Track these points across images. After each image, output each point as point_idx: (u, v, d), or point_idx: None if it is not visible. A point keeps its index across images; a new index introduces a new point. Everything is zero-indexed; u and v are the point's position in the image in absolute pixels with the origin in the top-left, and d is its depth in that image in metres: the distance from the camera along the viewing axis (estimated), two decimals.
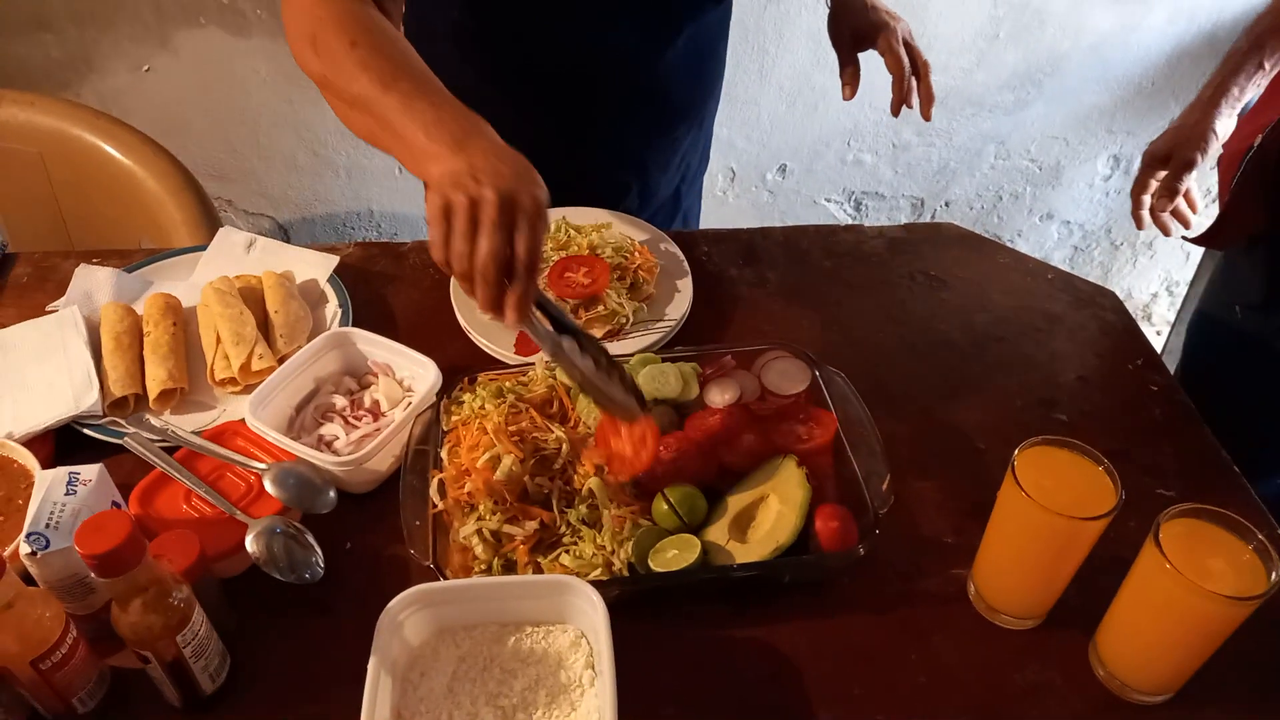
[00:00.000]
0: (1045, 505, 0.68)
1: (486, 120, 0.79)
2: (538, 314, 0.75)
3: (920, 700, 0.75)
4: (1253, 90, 1.01)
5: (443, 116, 0.77)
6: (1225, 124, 1.00)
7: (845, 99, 1.11)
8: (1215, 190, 1.13)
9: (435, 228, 0.73)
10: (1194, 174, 1.02)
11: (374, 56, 0.81)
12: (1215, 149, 1.01)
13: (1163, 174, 1.02)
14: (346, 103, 0.83)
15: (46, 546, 0.68)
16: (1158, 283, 2.59)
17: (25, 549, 0.68)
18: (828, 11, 1.20)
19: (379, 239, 2.20)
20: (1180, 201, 1.02)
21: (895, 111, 1.08)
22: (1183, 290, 2.49)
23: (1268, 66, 1.00)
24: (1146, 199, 1.04)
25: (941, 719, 0.74)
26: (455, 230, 0.72)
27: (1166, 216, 1.04)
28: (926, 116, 1.07)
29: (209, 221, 1.38)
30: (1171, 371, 1.04)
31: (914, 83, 1.09)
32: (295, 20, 0.87)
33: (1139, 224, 1.06)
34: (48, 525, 0.69)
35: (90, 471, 0.75)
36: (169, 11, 1.79)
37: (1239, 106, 1.02)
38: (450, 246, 0.72)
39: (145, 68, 1.86)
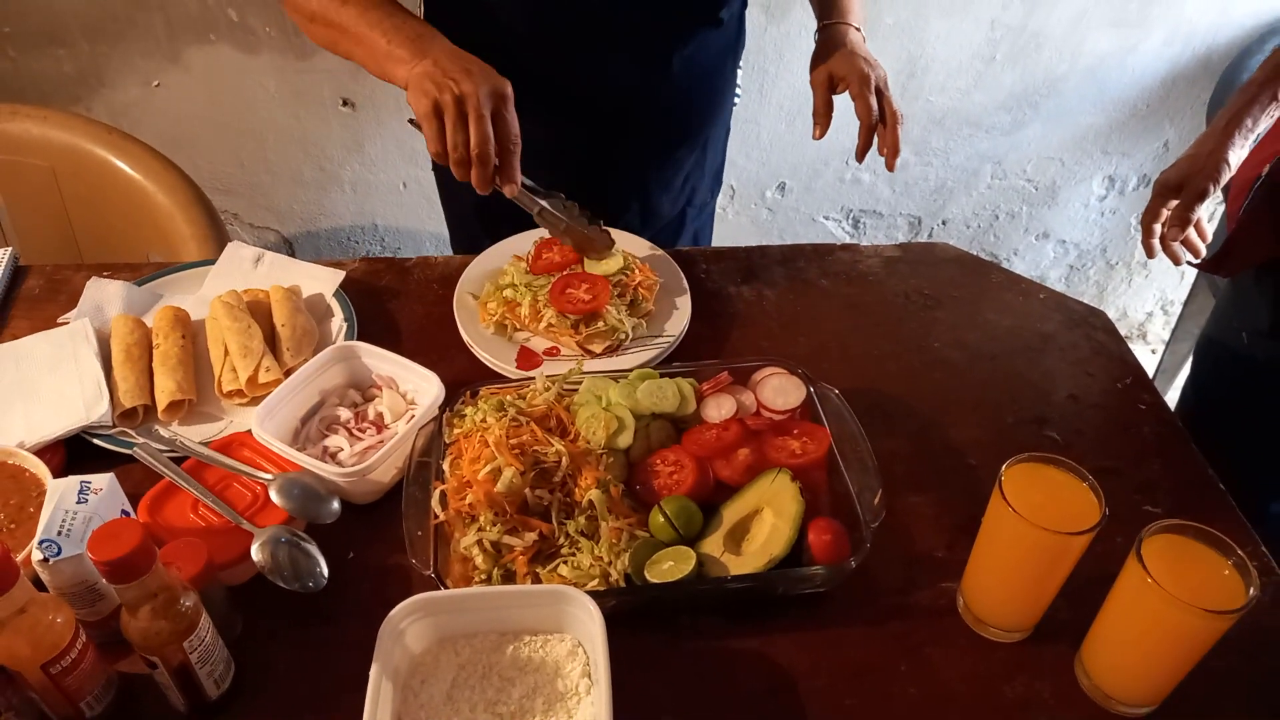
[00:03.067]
0: (1032, 521, 0.70)
1: None
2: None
3: (912, 711, 0.76)
4: (1266, 121, 1.01)
5: (399, 23, 0.92)
6: (1238, 154, 1.00)
7: (815, 138, 1.11)
8: (1218, 211, 1.14)
9: (429, 125, 0.87)
10: (1206, 204, 1.02)
11: None
12: (1227, 179, 1.01)
13: (1174, 203, 1.02)
14: (306, 17, 0.97)
15: (58, 553, 0.70)
16: (1153, 302, 2.61)
17: (37, 555, 0.70)
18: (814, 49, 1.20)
19: (383, 253, 2.23)
20: (1190, 231, 1.03)
21: (859, 158, 1.08)
22: (1178, 310, 2.51)
23: None
24: (1158, 228, 1.04)
25: None
26: (449, 124, 0.86)
27: (1177, 245, 1.05)
28: (890, 168, 1.06)
29: (217, 235, 1.40)
30: (1168, 390, 1.06)
31: (883, 131, 1.07)
32: None
33: (1149, 253, 1.06)
34: (60, 533, 0.71)
35: (101, 480, 0.77)
36: (180, 28, 1.82)
37: (1252, 137, 1.01)
38: (447, 139, 0.87)
39: (155, 83, 1.90)
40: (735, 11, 1.20)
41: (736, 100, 1.37)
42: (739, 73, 1.33)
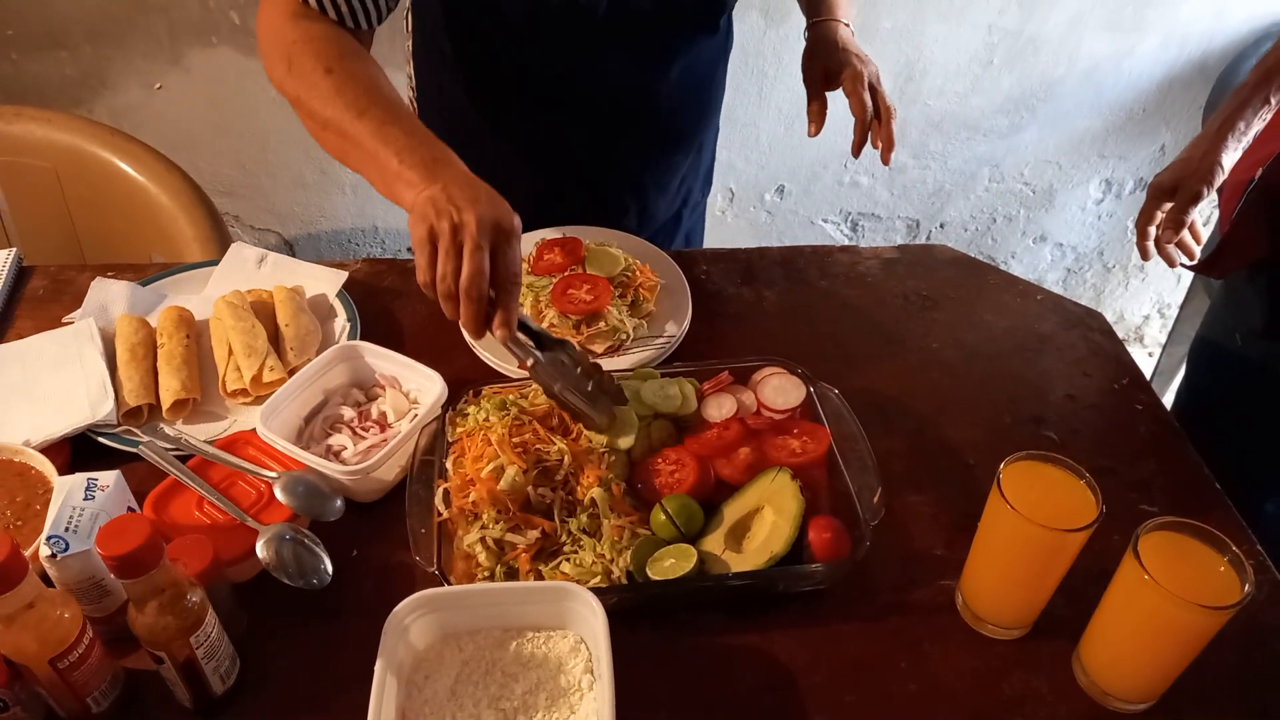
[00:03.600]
0: (1029, 518, 0.71)
1: (486, 143, 0.82)
2: (519, 334, 0.84)
3: (911, 707, 0.77)
4: (1258, 124, 1.01)
5: (414, 143, 0.84)
6: (1231, 157, 1.01)
7: (809, 135, 1.11)
8: (1214, 215, 1.14)
9: (421, 253, 0.79)
10: (1200, 206, 1.03)
11: (348, 83, 0.86)
12: (1220, 182, 1.02)
13: (1168, 205, 1.03)
14: (319, 124, 0.89)
15: (66, 549, 0.71)
16: (1149, 305, 2.63)
17: (45, 551, 0.70)
18: (804, 47, 1.20)
19: (383, 255, 2.23)
20: (1185, 233, 1.04)
21: (855, 153, 1.08)
22: (1174, 313, 2.52)
23: (1274, 102, 1.01)
24: (1152, 230, 1.05)
25: None
26: (441, 252, 0.78)
27: (1171, 248, 1.06)
28: (885, 161, 1.06)
29: (220, 237, 1.41)
30: (1165, 393, 1.07)
31: (877, 126, 1.08)
32: (269, 41, 0.92)
33: (1144, 255, 1.07)
34: (67, 529, 0.72)
35: (108, 478, 0.77)
36: (182, 31, 1.83)
37: (1245, 140, 1.02)
38: (437, 269, 0.78)
39: (157, 85, 1.90)
40: (728, 15, 1.21)
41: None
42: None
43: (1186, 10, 2.07)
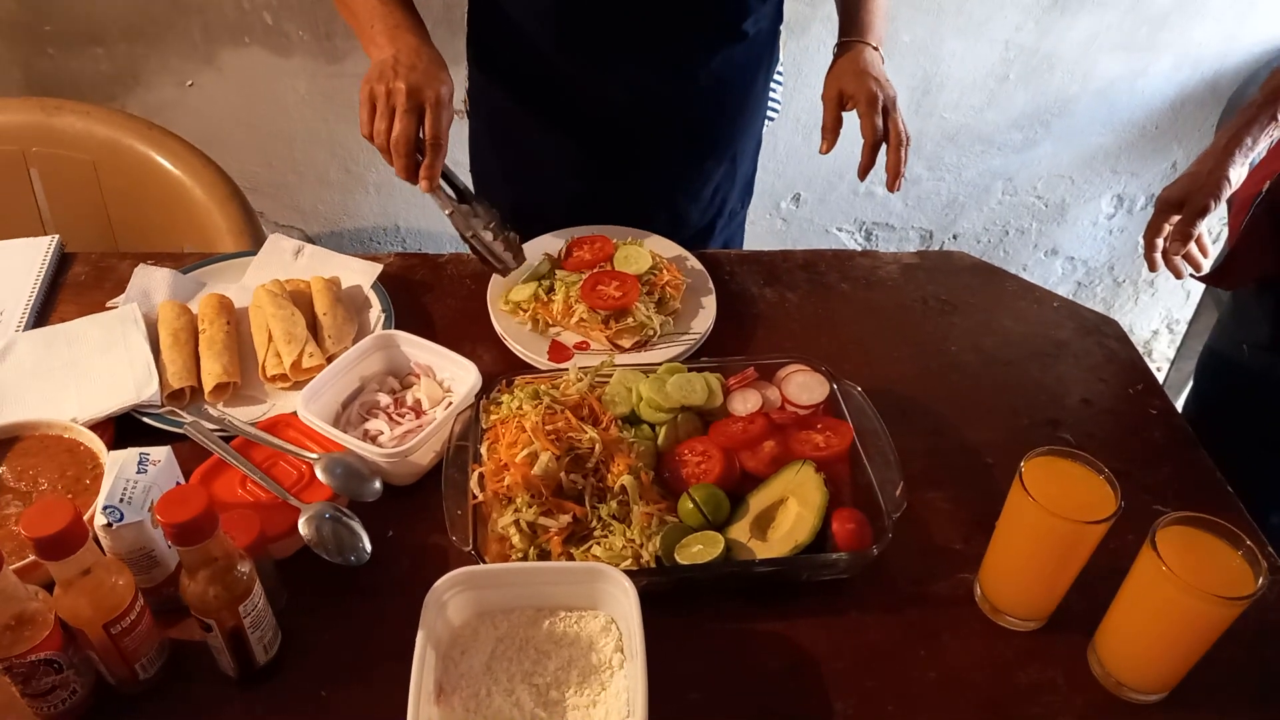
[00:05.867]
0: (1051, 510, 0.73)
1: (523, 144, 1.06)
2: (444, 183, 1.01)
3: (929, 694, 0.79)
4: (1265, 141, 1.03)
5: (388, 10, 1.02)
6: (1238, 172, 1.02)
7: (821, 152, 1.12)
8: (1224, 232, 1.17)
9: (363, 109, 0.97)
10: (1206, 220, 1.05)
11: None
12: (1228, 196, 1.04)
13: (1176, 219, 1.05)
14: None
15: (121, 519, 0.73)
16: (1159, 320, 2.65)
17: (101, 520, 0.73)
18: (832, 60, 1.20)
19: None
20: (1192, 246, 1.06)
21: (861, 176, 1.08)
22: (1183, 328, 2.54)
23: None
24: (1160, 242, 1.07)
25: (949, 712, 0.78)
26: (376, 113, 0.96)
27: (1179, 260, 1.08)
28: (890, 188, 1.07)
29: (252, 231, 1.44)
30: (1175, 406, 1.09)
31: (887, 151, 1.08)
32: None
33: (1151, 266, 1.09)
34: (122, 500, 0.75)
35: (159, 453, 0.80)
36: (216, 31, 1.87)
37: (1252, 156, 1.03)
38: (373, 125, 0.96)
39: (190, 83, 1.94)
40: (765, 28, 1.22)
41: (774, 116, 1.39)
42: (778, 88, 1.36)
43: (1200, 32, 2.10)
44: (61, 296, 1.16)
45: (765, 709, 0.78)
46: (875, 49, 1.16)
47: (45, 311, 1.13)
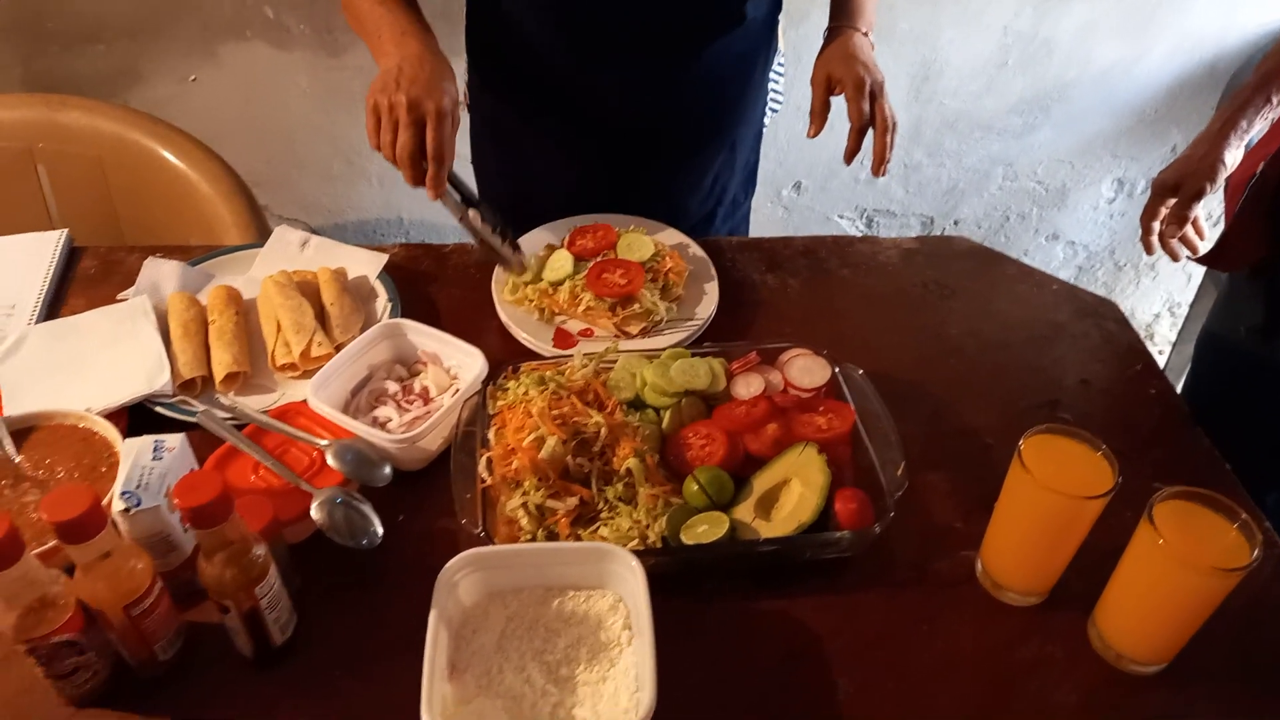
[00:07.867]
0: (1050, 486, 0.75)
1: (521, 139, 1.08)
2: (451, 189, 1.04)
3: (931, 670, 0.81)
4: (1260, 123, 1.04)
5: (395, 19, 1.04)
6: (1233, 155, 1.03)
7: (809, 136, 1.12)
8: (1219, 213, 1.18)
9: (369, 120, 0.99)
10: (1202, 202, 1.06)
11: None
12: (1223, 179, 1.05)
13: (1172, 202, 1.06)
14: (344, 4, 1.11)
15: (139, 504, 0.75)
16: (1160, 304, 2.66)
17: (119, 505, 0.75)
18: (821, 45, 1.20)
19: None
20: (1188, 229, 1.07)
21: (847, 160, 1.09)
22: (1184, 311, 2.55)
23: (1275, 101, 1.04)
24: (1156, 225, 1.08)
25: (951, 688, 0.80)
26: (381, 124, 0.98)
27: (1174, 242, 1.09)
28: (875, 172, 1.08)
29: (257, 224, 1.45)
30: (1175, 388, 1.10)
31: (873, 135, 1.09)
32: None
33: (1148, 249, 1.10)
34: (138, 486, 0.76)
35: (174, 440, 0.82)
36: (217, 26, 1.88)
37: (1246, 139, 1.04)
38: (379, 137, 0.99)
39: (191, 78, 1.95)
40: (763, 15, 1.23)
41: (778, 107, 1.39)
42: (780, 79, 1.37)
43: (1196, 17, 2.11)
44: (71, 290, 1.17)
45: (769, 686, 0.80)
46: (865, 35, 1.16)
47: (56, 305, 1.15)
